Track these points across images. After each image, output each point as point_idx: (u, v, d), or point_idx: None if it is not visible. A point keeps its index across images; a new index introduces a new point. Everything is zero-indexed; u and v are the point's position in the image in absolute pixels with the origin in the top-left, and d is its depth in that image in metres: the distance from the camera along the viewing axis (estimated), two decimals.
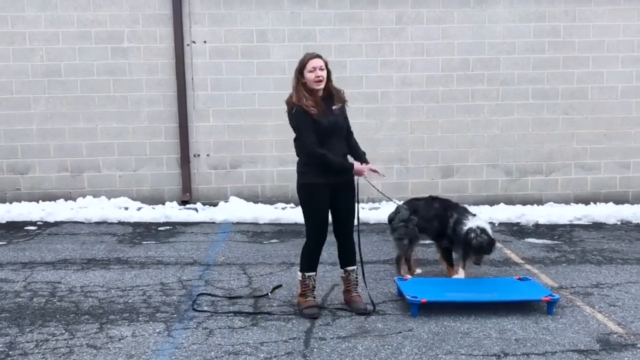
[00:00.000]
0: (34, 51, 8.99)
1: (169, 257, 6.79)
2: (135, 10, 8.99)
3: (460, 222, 5.65)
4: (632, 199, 9.57)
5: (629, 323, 4.92)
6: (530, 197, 9.54)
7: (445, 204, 5.95)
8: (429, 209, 5.90)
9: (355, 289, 5.20)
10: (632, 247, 7.35)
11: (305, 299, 5.08)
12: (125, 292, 5.61)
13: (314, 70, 4.77)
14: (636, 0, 9.26)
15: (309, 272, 5.10)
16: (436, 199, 6.09)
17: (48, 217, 8.55)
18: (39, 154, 9.17)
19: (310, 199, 4.94)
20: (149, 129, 9.21)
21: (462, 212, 5.80)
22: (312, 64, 4.78)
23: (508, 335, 4.65)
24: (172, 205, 9.12)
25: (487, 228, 5.62)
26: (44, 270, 6.25)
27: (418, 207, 5.93)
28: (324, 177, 4.85)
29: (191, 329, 4.74)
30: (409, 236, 5.82)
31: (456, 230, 5.66)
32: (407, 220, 5.82)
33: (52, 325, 4.82)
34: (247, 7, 9.07)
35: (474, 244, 5.49)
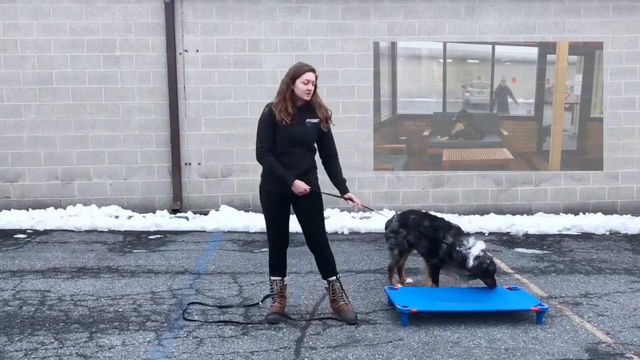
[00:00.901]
0: (25, 59, 8.97)
1: (159, 265, 6.77)
2: (128, 18, 9.01)
3: (460, 245, 5.48)
4: (620, 209, 9.65)
5: (617, 333, 4.96)
6: (520, 207, 9.60)
7: (436, 225, 5.76)
8: (417, 226, 5.80)
9: (342, 297, 5.18)
10: (620, 257, 7.41)
11: (272, 304, 5.17)
12: (115, 300, 5.59)
13: (307, 83, 4.86)
14: (624, 13, 9.38)
15: (273, 276, 5.16)
16: (427, 216, 5.98)
17: (38, 225, 8.51)
18: (30, 161, 9.13)
19: (266, 206, 5.06)
20: (140, 137, 9.20)
21: (456, 235, 5.60)
22: (308, 77, 4.87)
23: (498, 344, 4.68)
24: (162, 214, 9.10)
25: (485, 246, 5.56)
26: (33, 279, 6.22)
27: (409, 221, 5.89)
28: (279, 186, 4.89)
29: (181, 338, 4.73)
30: (399, 247, 5.85)
31: (453, 255, 5.51)
32: (396, 232, 5.86)
33: (41, 334, 4.80)
34: (239, 16, 9.11)
35: (491, 270, 5.43)
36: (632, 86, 9.50)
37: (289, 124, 4.82)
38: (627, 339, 4.83)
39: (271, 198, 4.99)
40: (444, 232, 5.64)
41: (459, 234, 5.65)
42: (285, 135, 4.86)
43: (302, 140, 4.93)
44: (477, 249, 5.44)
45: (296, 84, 4.87)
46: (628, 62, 9.46)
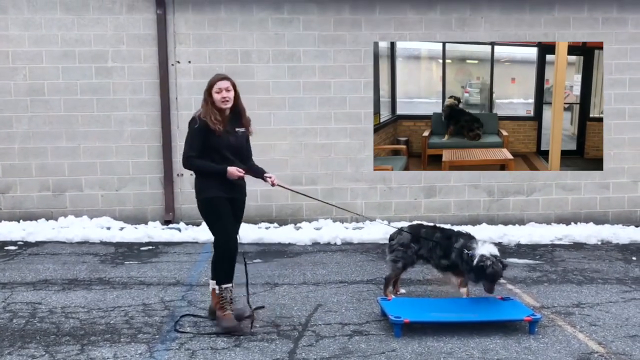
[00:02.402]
0: (17, 70, 8.96)
1: (151, 277, 6.74)
2: (120, 30, 9.02)
3: (469, 248, 5.46)
4: (612, 219, 9.70)
5: (610, 342, 4.97)
6: (512, 217, 9.63)
7: (448, 233, 5.78)
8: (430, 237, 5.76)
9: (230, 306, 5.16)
10: (612, 267, 7.44)
11: (223, 313, 5.08)
12: (107, 312, 5.55)
13: (220, 92, 5.01)
14: (614, 25, 9.47)
15: (224, 284, 5.12)
16: (437, 228, 5.97)
17: (29, 236, 8.46)
18: (21, 173, 9.10)
19: (213, 213, 5.09)
20: (132, 149, 9.19)
21: (468, 239, 5.62)
22: (219, 85, 5.02)
23: (491, 355, 4.68)
24: (154, 225, 9.07)
25: (498, 254, 5.43)
26: (24, 291, 6.18)
27: (420, 234, 5.81)
28: (220, 191, 5.03)
29: (174, 350, 4.70)
30: (404, 261, 5.78)
31: (462, 256, 5.47)
32: (406, 245, 5.79)
33: (32, 346, 4.76)
34: (231, 27, 9.14)
35: (489, 272, 5.31)
36: (622, 97, 9.58)
37: (222, 132, 4.97)
38: (620, 349, 4.84)
39: (219, 203, 5.06)
40: (456, 237, 5.66)
41: (471, 239, 5.62)
42: (219, 144, 5.01)
43: (237, 149, 5.12)
44: (484, 249, 5.38)
45: (212, 95, 5.03)
46: (617, 73, 9.54)
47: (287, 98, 9.14)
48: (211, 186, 5.06)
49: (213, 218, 5.11)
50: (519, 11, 9.37)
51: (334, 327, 5.22)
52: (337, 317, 5.46)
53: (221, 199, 5.06)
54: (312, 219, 9.15)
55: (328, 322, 5.33)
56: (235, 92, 5.10)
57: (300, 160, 9.33)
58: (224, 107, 5.04)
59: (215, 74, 5.20)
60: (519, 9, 9.37)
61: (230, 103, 5.07)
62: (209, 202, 5.09)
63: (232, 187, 5.10)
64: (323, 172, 9.38)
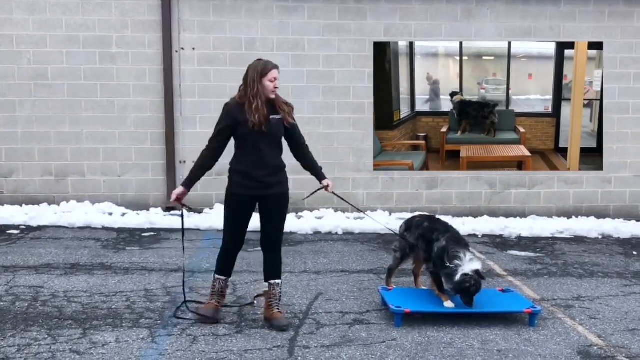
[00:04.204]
0: (21, 54, 8.94)
1: (153, 263, 6.76)
2: (125, 15, 8.99)
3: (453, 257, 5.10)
4: (613, 213, 9.70)
5: (609, 336, 5.00)
6: (513, 209, 9.63)
7: (434, 227, 5.43)
8: (417, 229, 5.53)
9: (277, 304, 5.00)
10: (612, 261, 7.46)
11: (209, 301, 5.09)
12: (109, 297, 5.58)
13: (274, 81, 4.87)
14: (620, 18, 9.43)
15: (218, 274, 5.08)
16: (429, 219, 5.68)
17: (31, 221, 8.47)
18: (24, 157, 9.10)
19: (227, 207, 4.98)
20: (135, 135, 9.19)
21: (450, 241, 5.23)
22: (274, 74, 4.88)
23: (490, 346, 4.70)
24: (156, 212, 9.09)
25: (480, 268, 5.13)
26: (26, 275, 6.20)
27: (412, 224, 5.64)
28: (243, 188, 4.86)
29: (175, 336, 4.72)
30: (401, 251, 5.70)
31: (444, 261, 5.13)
32: (402, 235, 5.70)
33: (34, 330, 4.79)
34: (236, 15, 9.11)
35: (473, 290, 5.06)
36: (626, 91, 9.56)
37: (257, 122, 4.74)
38: (619, 342, 4.86)
39: (236, 200, 4.90)
40: (438, 234, 5.33)
41: (456, 242, 5.26)
42: (252, 132, 4.77)
43: (269, 136, 4.85)
44: (469, 267, 5.04)
45: (263, 82, 4.84)
46: (623, 67, 9.51)
47: (291, 87, 9.10)
48: (235, 181, 4.91)
49: (226, 214, 4.99)
50: (524, 3, 9.33)
51: (334, 316, 5.24)
52: (337, 306, 5.49)
53: (240, 198, 4.87)
54: (314, 208, 9.16)
55: (329, 311, 5.35)
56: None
57: None
58: (272, 96, 4.86)
59: (265, 61, 4.96)
60: (524, 1, 9.33)
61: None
62: (227, 197, 4.98)
63: (261, 184, 4.84)
64: (325, 162, 9.22)
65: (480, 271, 5.12)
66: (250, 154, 4.84)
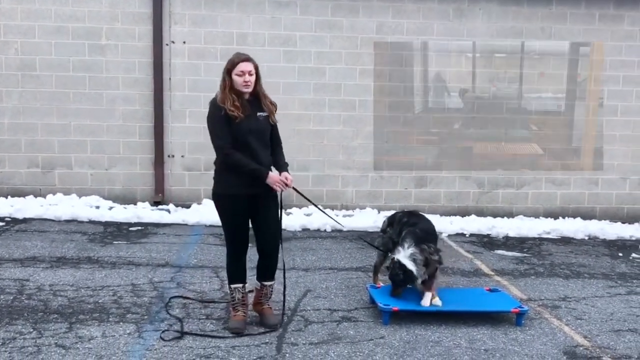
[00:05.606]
0: (8, 44, 8.84)
1: (140, 258, 6.72)
2: (115, 7, 8.91)
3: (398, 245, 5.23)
4: (599, 214, 9.76)
5: (595, 336, 5.03)
6: (501, 209, 9.67)
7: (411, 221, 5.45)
8: (398, 224, 5.57)
9: (267, 301, 4.94)
10: (598, 262, 7.51)
11: (234, 313, 4.84)
12: (95, 292, 5.53)
13: (242, 75, 4.56)
14: (610, 21, 9.48)
15: (233, 283, 4.83)
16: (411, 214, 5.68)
17: (16, 213, 8.39)
18: (9, 148, 9.00)
19: (222, 209, 4.71)
20: (124, 128, 9.11)
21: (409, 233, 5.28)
22: (241, 68, 4.55)
23: (478, 345, 4.72)
24: (144, 206, 9.02)
25: (408, 264, 5.06)
26: (11, 267, 6.14)
27: (394, 220, 5.72)
28: (237, 188, 4.59)
29: (162, 331, 4.69)
30: (384, 247, 5.72)
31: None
32: (383, 231, 5.79)
33: (19, 323, 4.74)
34: (228, 9, 9.05)
35: (396, 280, 5.15)
36: (614, 94, 9.61)
37: (242, 118, 4.51)
38: (604, 343, 4.90)
39: (236, 202, 4.62)
40: (408, 227, 5.37)
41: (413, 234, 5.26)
42: (240, 130, 4.54)
43: (259, 135, 4.63)
44: (401, 256, 5.10)
45: (232, 77, 4.57)
46: (612, 70, 9.56)
47: (282, 83, 9.08)
48: (226, 180, 4.63)
49: (223, 217, 4.73)
50: (516, 4, 9.36)
51: (322, 313, 5.24)
52: (325, 303, 5.48)
53: (235, 197, 4.60)
54: (302, 205, 9.11)
55: (317, 308, 5.35)
56: (256, 76, 4.65)
57: (292, 146, 9.18)
58: (244, 90, 4.59)
59: (237, 54, 4.70)
60: (516, 2, 9.35)
61: (251, 88, 4.61)
62: (218, 198, 4.71)
63: (255, 182, 4.61)
64: (315, 159, 9.36)
65: (402, 263, 5.04)
66: (242, 151, 4.57)
